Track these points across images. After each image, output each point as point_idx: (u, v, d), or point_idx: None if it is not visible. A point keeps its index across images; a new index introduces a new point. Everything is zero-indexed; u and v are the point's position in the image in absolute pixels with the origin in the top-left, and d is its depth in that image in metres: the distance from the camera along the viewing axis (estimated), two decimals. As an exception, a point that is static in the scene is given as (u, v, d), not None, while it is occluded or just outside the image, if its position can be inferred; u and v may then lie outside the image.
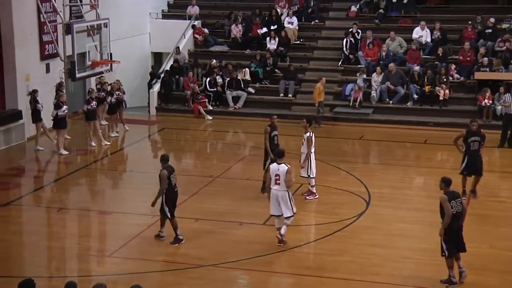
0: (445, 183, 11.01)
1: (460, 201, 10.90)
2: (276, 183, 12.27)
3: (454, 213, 10.75)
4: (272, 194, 12.37)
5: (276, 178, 12.25)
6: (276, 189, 12.31)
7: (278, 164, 12.35)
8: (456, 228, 10.87)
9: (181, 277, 11.41)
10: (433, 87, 22.30)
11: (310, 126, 14.83)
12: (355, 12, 26.01)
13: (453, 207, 10.73)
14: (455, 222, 10.79)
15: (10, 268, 11.72)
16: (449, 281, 11.04)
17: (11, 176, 17.18)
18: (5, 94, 19.66)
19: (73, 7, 20.83)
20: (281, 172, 12.21)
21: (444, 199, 10.77)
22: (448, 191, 10.94)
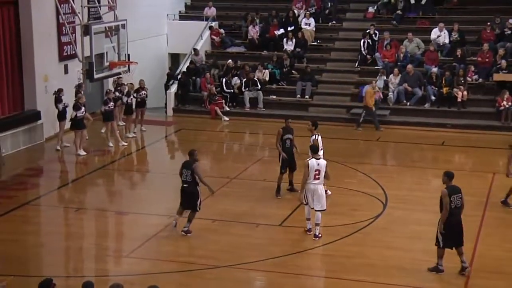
0: (448, 177, 11.17)
1: (460, 196, 11.07)
2: (316, 177, 12.64)
3: (453, 207, 10.94)
4: (310, 188, 12.68)
5: (316, 173, 12.62)
6: (315, 184, 12.66)
7: (317, 160, 12.74)
8: (455, 222, 11.07)
9: (198, 277, 11.43)
10: (451, 89, 22.16)
11: (316, 129, 14.72)
12: (373, 13, 25.93)
13: (453, 202, 10.94)
14: (454, 217, 11.00)
15: (28, 268, 11.81)
16: (436, 269, 11.34)
17: (30, 176, 17.31)
18: (24, 95, 19.82)
19: (91, 9, 20.96)
20: (321, 166, 12.66)
21: (445, 194, 10.99)
22: (449, 185, 11.12)
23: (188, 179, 12.82)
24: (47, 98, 19.86)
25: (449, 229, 11.08)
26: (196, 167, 12.76)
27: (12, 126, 18.75)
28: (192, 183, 12.82)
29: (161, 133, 22.35)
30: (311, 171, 12.63)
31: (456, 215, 11.07)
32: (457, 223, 11.14)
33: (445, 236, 11.10)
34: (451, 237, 11.13)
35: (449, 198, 10.97)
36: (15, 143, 18.73)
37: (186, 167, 12.83)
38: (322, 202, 12.79)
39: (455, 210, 11.03)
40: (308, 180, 12.68)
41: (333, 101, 23.38)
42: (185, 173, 12.82)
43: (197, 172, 12.75)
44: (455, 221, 11.09)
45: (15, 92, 19.58)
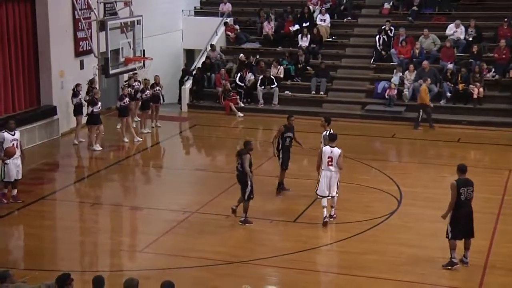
0: (459, 170, 11.32)
1: (471, 189, 11.13)
2: (329, 164, 13.10)
3: (463, 200, 11.05)
4: (324, 175, 13.13)
5: (329, 160, 13.09)
6: (328, 171, 13.09)
7: (332, 147, 13.16)
8: (464, 214, 11.16)
9: (211, 273, 11.47)
10: (467, 85, 22.03)
11: (329, 125, 14.69)
12: (388, 9, 25.81)
13: (463, 194, 11.06)
14: (462, 209, 11.10)
15: (44, 262, 11.91)
16: (450, 263, 11.37)
17: (46, 171, 17.43)
18: (41, 90, 19.95)
19: (107, 4, 21.03)
20: (334, 154, 13.09)
21: (453, 186, 11.11)
22: (461, 178, 11.24)
23: (239, 167, 13.30)
24: (63, 93, 19.99)
25: (459, 221, 11.21)
26: (245, 157, 13.16)
27: (29, 121, 18.87)
28: (242, 172, 13.24)
29: (176, 129, 22.40)
30: (324, 157, 13.11)
31: (466, 207, 11.17)
32: (467, 215, 11.24)
33: (454, 227, 11.22)
34: (460, 228, 11.25)
35: (459, 190, 11.08)
36: (32, 138, 18.87)
37: (239, 156, 13.29)
38: (334, 188, 13.24)
39: (465, 202, 11.14)
40: (322, 167, 13.16)
41: (348, 97, 23.32)
42: (238, 161, 13.31)
43: (243, 162, 13.13)
44: (465, 213, 11.19)
45: (32, 88, 19.72)
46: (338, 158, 13.09)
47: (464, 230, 11.32)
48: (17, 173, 14.35)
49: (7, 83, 18.76)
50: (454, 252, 11.40)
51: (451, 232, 11.31)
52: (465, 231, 11.34)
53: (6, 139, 14.09)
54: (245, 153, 13.25)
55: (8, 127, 14.34)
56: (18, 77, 19.14)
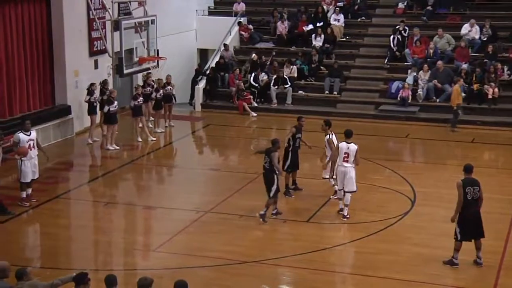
0: (465, 170, 11.31)
1: (478, 189, 11.09)
2: (345, 160, 13.33)
3: (469, 199, 11.02)
4: (340, 170, 13.41)
5: (345, 156, 13.31)
6: (345, 166, 13.34)
7: (348, 143, 13.38)
8: (471, 214, 11.11)
9: (224, 273, 11.48)
10: (481, 86, 21.91)
11: (330, 129, 14.64)
12: (403, 9, 25.73)
13: (469, 193, 11.04)
14: (469, 208, 11.06)
15: (58, 261, 11.97)
16: (450, 262, 11.43)
17: (60, 170, 17.53)
18: (55, 89, 20.07)
19: (122, 4, 21.11)
20: (351, 150, 13.32)
21: (459, 185, 11.08)
22: (466, 178, 11.21)
23: (267, 165, 13.42)
24: (78, 93, 20.10)
25: (466, 221, 11.18)
26: (273, 155, 13.33)
27: (43, 120, 19.00)
28: (269, 169, 13.36)
29: (189, 128, 22.45)
30: (340, 152, 13.37)
31: (473, 207, 11.13)
32: (474, 215, 11.19)
33: (463, 229, 11.18)
34: (469, 230, 11.21)
35: (465, 190, 11.06)
36: (46, 137, 18.97)
37: (267, 154, 13.44)
38: (350, 184, 13.37)
39: (472, 201, 11.10)
40: (338, 162, 13.43)
41: (362, 97, 23.28)
42: (266, 160, 13.44)
43: (272, 159, 13.30)
44: (472, 213, 11.15)
45: (46, 87, 19.85)
46: (356, 154, 13.31)
47: (473, 231, 11.26)
48: (34, 173, 14.41)
49: (22, 83, 18.89)
50: (457, 253, 11.43)
51: (459, 233, 11.27)
52: (474, 231, 11.28)
53: (22, 140, 14.15)
54: (274, 151, 13.43)
55: (24, 128, 14.42)
56: (33, 76, 19.27)
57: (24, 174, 14.18)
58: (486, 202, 14.62)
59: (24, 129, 14.39)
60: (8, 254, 10.71)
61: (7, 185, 15.41)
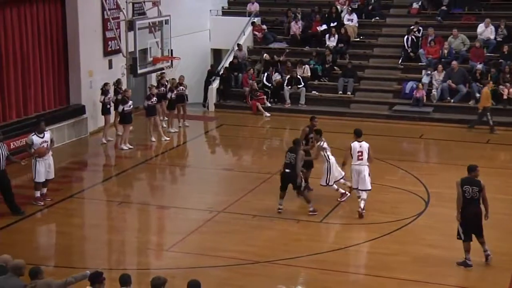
0: (467, 169, 11.38)
1: (477, 189, 11.15)
2: (359, 158, 13.67)
3: (468, 198, 11.13)
4: (355, 169, 13.72)
5: (359, 154, 13.66)
6: (359, 165, 13.68)
7: (360, 142, 13.74)
8: (471, 214, 11.19)
9: (237, 273, 11.49)
10: (496, 86, 21.77)
11: (321, 137, 14.60)
12: (417, 9, 25.62)
13: (467, 192, 11.13)
14: (468, 207, 11.15)
15: (72, 260, 12.04)
16: (464, 263, 11.43)
17: (74, 170, 17.63)
18: (70, 89, 20.18)
19: (136, 4, 21.20)
20: (364, 148, 13.67)
21: (457, 184, 11.21)
22: (467, 177, 11.29)
23: (292, 161, 13.76)
24: (92, 93, 20.19)
25: (467, 220, 11.27)
26: (299, 153, 13.81)
27: (58, 120, 19.11)
28: (295, 166, 13.73)
29: (203, 128, 22.49)
30: (353, 153, 13.68)
31: (472, 206, 11.20)
32: (474, 214, 11.27)
33: (465, 228, 11.29)
34: (470, 228, 11.31)
35: (462, 188, 11.16)
36: (61, 137, 19.08)
37: (292, 151, 13.86)
38: (366, 183, 13.67)
39: (471, 200, 11.18)
40: (352, 161, 13.72)
41: (375, 97, 23.21)
42: (289, 156, 13.81)
43: (298, 157, 13.71)
44: (471, 212, 11.24)
45: (61, 87, 19.96)
46: (369, 151, 13.65)
47: (474, 230, 11.38)
48: (48, 173, 14.46)
49: (37, 83, 19.02)
50: (468, 254, 11.44)
51: (463, 233, 11.38)
52: (475, 231, 11.39)
53: (35, 143, 14.19)
54: (299, 150, 13.89)
55: (38, 130, 14.42)
56: (47, 76, 19.39)
57: (38, 174, 14.27)
58: (502, 203, 14.62)
59: (38, 130, 14.43)
60: (22, 253, 10.76)
61: (23, 184, 15.48)
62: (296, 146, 13.97)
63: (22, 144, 17.49)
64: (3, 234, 12.99)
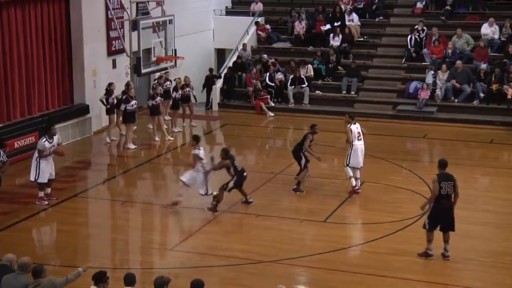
0: (439, 164, 11.68)
1: (452, 184, 11.44)
2: (359, 139, 14.82)
3: (444, 194, 11.40)
4: (359, 148, 14.79)
5: (358, 135, 14.82)
6: (360, 144, 14.81)
7: (354, 124, 14.94)
8: (445, 208, 11.50)
9: (241, 272, 11.50)
10: (500, 86, 21.74)
11: (197, 144, 14.71)
12: (421, 8, 25.58)
13: (443, 188, 11.39)
14: (444, 202, 11.45)
15: (76, 259, 12.05)
16: (425, 254, 11.72)
17: (78, 169, 17.65)
18: (74, 89, 20.21)
19: (140, 4, 21.21)
20: (360, 129, 14.97)
21: (434, 180, 11.45)
22: (441, 173, 11.53)
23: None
24: (96, 92, 20.21)
25: (438, 214, 11.55)
26: (307, 136, 15.02)
27: (62, 119, 19.13)
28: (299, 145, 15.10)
29: (207, 128, 22.48)
30: (354, 133, 14.75)
31: (445, 201, 11.48)
32: (448, 209, 11.54)
33: (432, 220, 11.55)
34: (439, 222, 11.59)
35: (440, 184, 11.37)
36: (65, 136, 19.10)
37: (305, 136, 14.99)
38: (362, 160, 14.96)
39: (445, 196, 11.45)
40: (353, 142, 14.68)
41: (379, 97, 23.18)
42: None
43: (305, 142, 14.92)
44: (446, 207, 11.51)
45: (65, 86, 19.99)
46: (363, 131, 14.92)
47: (444, 224, 11.62)
48: (51, 174, 14.47)
49: (41, 82, 19.04)
50: (430, 244, 11.69)
51: (428, 224, 11.63)
52: (446, 224, 11.63)
53: (46, 148, 14.16)
54: (309, 133, 15.10)
55: (49, 134, 14.34)
56: (52, 76, 19.41)
57: (43, 175, 14.22)
58: (503, 202, 14.62)
59: (48, 135, 14.32)
60: (27, 252, 10.78)
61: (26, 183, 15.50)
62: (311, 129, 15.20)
63: (26, 144, 17.60)
64: (8, 233, 13.01)
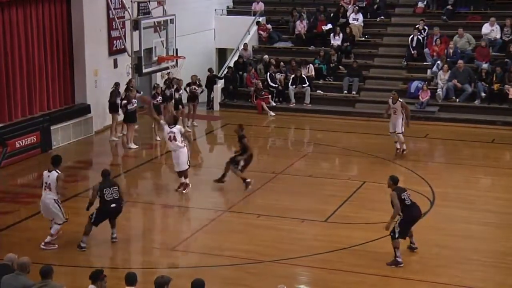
0: (392, 181, 11.84)
1: (408, 193, 11.78)
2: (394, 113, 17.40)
3: (409, 204, 11.67)
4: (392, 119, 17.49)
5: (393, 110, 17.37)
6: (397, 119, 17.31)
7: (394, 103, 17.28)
8: (417, 216, 11.86)
9: (242, 272, 11.50)
10: (502, 85, 21.72)
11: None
12: (422, 8, 25.57)
13: (406, 199, 11.64)
14: (413, 211, 11.73)
15: (78, 258, 12.05)
16: (395, 262, 11.62)
17: (79, 169, 17.66)
18: (75, 88, 20.21)
19: (141, 4, 21.19)
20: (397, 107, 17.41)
21: (394, 195, 11.60)
22: (396, 187, 11.76)
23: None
24: (97, 92, 20.22)
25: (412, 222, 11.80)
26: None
27: (63, 119, 19.15)
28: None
29: (208, 127, 22.48)
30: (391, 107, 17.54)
31: (414, 208, 11.79)
32: (419, 216, 11.97)
33: (403, 229, 11.66)
34: (409, 228, 11.83)
35: (400, 197, 11.59)
36: (66, 136, 19.13)
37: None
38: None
39: (412, 205, 11.74)
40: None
41: (381, 97, 23.08)
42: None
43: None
44: (417, 215, 11.86)
45: (66, 86, 19.99)
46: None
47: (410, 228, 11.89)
48: None
49: (43, 82, 19.05)
50: (398, 251, 11.66)
51: (399, 232, 11.60)
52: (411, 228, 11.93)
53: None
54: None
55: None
56: (53, 76, 19.42)
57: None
58: (505, 202, 14.61)
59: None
60: (27, 252, 10.78)
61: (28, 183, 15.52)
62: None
63: (27, 143, 17.63)
64: (9, 233, 13.03)
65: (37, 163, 17.33)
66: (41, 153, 18.02)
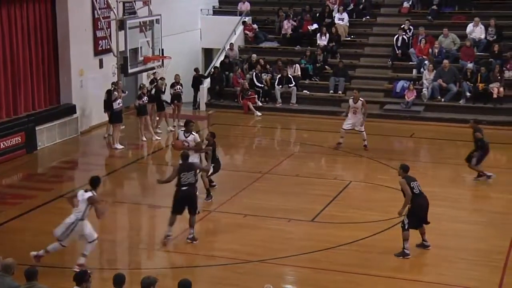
0: (403, 170, 12.12)
1: (418, 183, 11.98)
2: (354, 113, 18.29)
3: (417, 193, 11.83)
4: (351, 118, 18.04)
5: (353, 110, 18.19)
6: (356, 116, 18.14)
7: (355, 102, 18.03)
8: (424, 205, 11.93)
9: (230, 272, 11.47)
10: (487, 85, 21.86)
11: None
12: (408, 8, 25.69)
13: (414, 188, 11.84)
14: (420, 200, 11.85)
15: (64, 259, 11.98)
16: (402, 253, 11.81)
17: (65, 169, 17.56)
18: (60, 89, 20.10)
19: (126, 3, 21.11)
20: (358, 106, 18.09)
21: (404, 182, 11.87)
22: (406, 176, 11.98)
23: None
24: (82, 92, 20.12)
25: (417, 212, 11.86)
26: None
27: (48, 119, 19.03)
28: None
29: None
30: (351, 109, 18.22)
31: (421, 198, 11.88)
32: (426, 205, 11.97)
33: (412, 219, 11.78)
34: (419, 219, 11.91)
35: (410, 185, 11.78)
36: (51, 137, 19.02)
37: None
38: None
39: (419, 194, 11.85)
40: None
41: (366, 96, 23.06)
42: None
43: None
44: (424, 204, 11.92)
45: (51, 86, 19.88)
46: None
47: (421, 220, 11.94)
48: None
49: (27, 82, 18.92)
50: (407, 243, 11.78)
51: (408, 223, 11.77)
52: (422, 220, 11.97)
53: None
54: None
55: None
56: (38, 76, 19.29)
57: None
58: (492, 201, 14.69)
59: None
60: (13, 253, 10.68)
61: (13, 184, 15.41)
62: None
63: (12, 144, 17.52)
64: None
65: (22, 163, 17.21)
66: (26, 154, 17.90)
